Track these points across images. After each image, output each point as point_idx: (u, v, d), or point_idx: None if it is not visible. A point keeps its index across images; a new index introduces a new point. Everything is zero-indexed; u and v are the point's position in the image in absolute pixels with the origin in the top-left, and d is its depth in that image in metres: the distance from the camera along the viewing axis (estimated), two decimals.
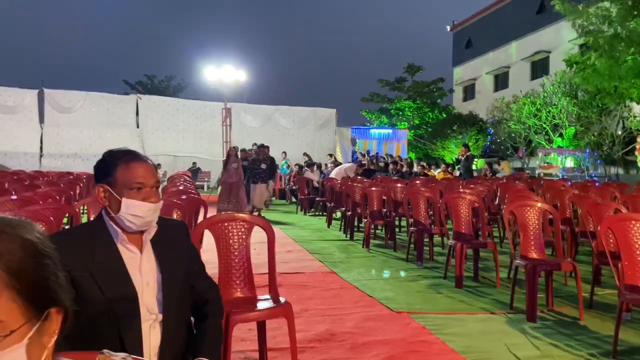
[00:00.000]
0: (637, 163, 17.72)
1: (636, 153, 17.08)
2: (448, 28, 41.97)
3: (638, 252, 3.35)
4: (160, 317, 1.65)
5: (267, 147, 11.95)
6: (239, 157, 12.16)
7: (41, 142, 21.41)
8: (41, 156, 21.23)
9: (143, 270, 1.65)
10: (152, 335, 1.62)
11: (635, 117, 20.55)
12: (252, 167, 11.53)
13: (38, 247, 0.72)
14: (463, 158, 12.95)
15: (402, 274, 5.67)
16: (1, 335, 0.66)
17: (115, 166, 1.65)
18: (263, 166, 11.40)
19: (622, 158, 21.93)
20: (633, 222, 3.49)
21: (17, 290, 0.68)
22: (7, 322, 0.66)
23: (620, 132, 21.65)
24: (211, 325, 1.80)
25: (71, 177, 11.51)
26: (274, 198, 15.98)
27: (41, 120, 21.52)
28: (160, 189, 1.74)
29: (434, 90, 34.09)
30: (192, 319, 1.84)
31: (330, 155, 19.56)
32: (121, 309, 1.57)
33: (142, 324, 1.60)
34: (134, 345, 1.56)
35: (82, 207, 4.85)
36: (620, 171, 22.20)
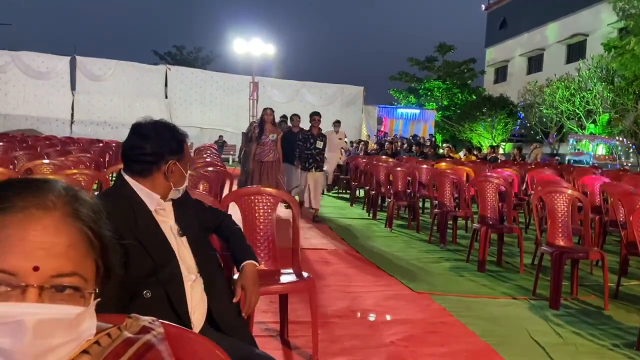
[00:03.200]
0: None
1: None
2: (483, 7, 40.83)
3: None
4: (197, 277, 1.73)
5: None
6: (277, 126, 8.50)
7: (72, 109, 21.83)
8: (72, 123, 21.67)
9: (175, 233, 1.74)
10: (192, 295, 1.69)
11: None
12: (304, 145, 7.72)
13: (102, 211, 0.77)
14: None
15: (425, 255, 5.65)
16: (88, 292, 0.71)
17: (182, 142, 1.79)
18: (319, 144, 7.76)
19: None
20: None
21: (96, 252, 0.73)
22: (89, 281, 0.72)
23: None
24: (239, 238, 2.05)
25: (101, 144, 11.74)
26: None
27: (73, 87, 21.89)
28: None
29: (465, 71, 33.43)
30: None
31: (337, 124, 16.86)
32: (166, 271, 1.64)
33: (185, 283, 1.67)
34: (181, 305, 1.64)
35: (111, 175, 4.95)
36: None
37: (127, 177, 1.73)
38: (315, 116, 7.79)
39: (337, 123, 11.90)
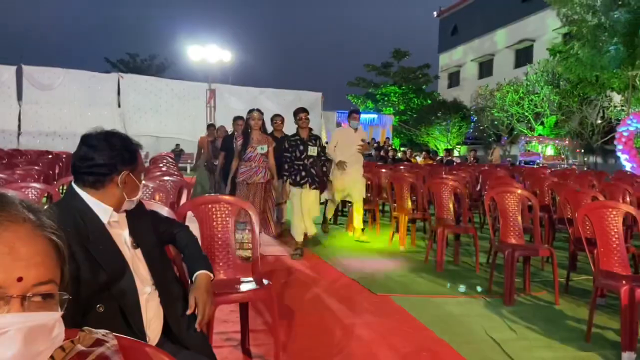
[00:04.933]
0: (615, 152, 18.01)
1: (615, 142, 17.36)
2: (435, 14, 41.89)
3: (613, 239, 3.43)
4: (153, 290, 1.70)
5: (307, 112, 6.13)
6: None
7: (19, 120, 20.98)
8: (19, 134, 20.83)
9: (129, 245, 1.71)
10: (148, 308, 1.66)
11: (615, 107, 20.88)
12: (292, 154, 5.82)
13: (55, 219, 0.79)
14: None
15: (385, 258, 5.72)
16: (63, 298, 0.74)
17: (136, 152, 1.76)
18: (312, 150, 5.84)
19: (601, 147, 22.32)
20: (609, 209, 3.57)
21: (63, 259, 0.76)
22: (58, 286, 0.74)
23: (600, 122, 22.01)
24: (195, 249, 2.03)
25: (50, 156, 11.32)
26: None
27: (19, 97, 21.05)
28: None
29: (420, 76, 34.17)
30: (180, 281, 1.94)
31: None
32: (120, 285, 1.60)
33: (140, 297, 1.64)
34: (135, 319, 1.60)
35: (61, 187, 4.78)
36: (599, 160, 22.62)
37: (77, 189, 1.68)
38: (301, 114, 5.89)
39: (355, 114, 6.89)
